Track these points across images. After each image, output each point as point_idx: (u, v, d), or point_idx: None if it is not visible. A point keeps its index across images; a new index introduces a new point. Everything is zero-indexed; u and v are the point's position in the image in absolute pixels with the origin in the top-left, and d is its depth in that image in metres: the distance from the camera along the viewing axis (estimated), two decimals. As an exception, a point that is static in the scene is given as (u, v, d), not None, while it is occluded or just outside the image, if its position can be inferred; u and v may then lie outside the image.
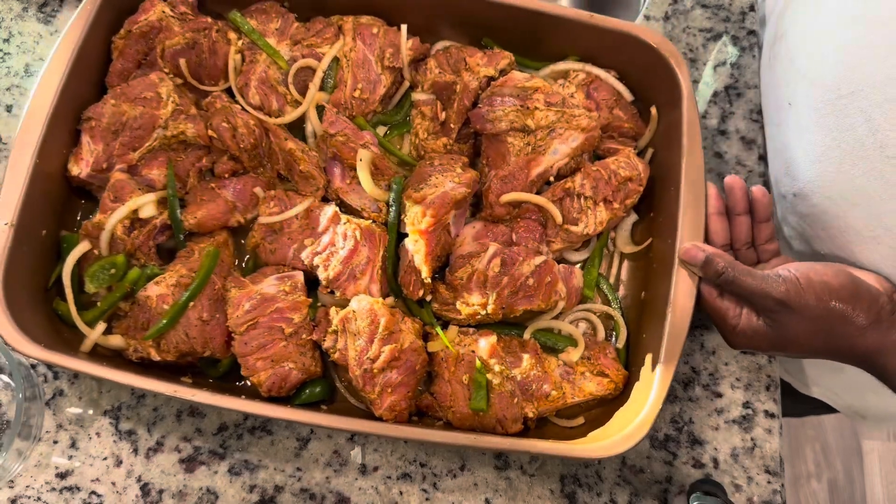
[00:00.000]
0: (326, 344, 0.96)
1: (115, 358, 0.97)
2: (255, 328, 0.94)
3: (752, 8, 1.23)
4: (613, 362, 1.00)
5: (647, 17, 1.25)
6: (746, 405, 1.00)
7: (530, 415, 0.96)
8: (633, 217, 1.11)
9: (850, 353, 0.84)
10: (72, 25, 0.99)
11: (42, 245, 0.97)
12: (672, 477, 0.98)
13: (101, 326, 0.95)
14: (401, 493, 0.98)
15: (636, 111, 1.13)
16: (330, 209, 1.01)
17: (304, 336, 0.96)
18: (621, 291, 1.09)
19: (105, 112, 1.00)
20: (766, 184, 1.14)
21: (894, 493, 2.21)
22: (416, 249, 0.98)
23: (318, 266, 0.99)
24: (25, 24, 1.15)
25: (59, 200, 1.02)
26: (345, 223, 1.00)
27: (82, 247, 0.98)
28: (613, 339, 1.05)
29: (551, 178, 1.07)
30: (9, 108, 1.11)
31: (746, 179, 1.17)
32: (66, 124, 1.00)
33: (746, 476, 0.96)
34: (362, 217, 1.03)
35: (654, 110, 1.10)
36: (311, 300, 0.98)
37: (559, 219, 1.04)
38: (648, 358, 0.94)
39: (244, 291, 0.96)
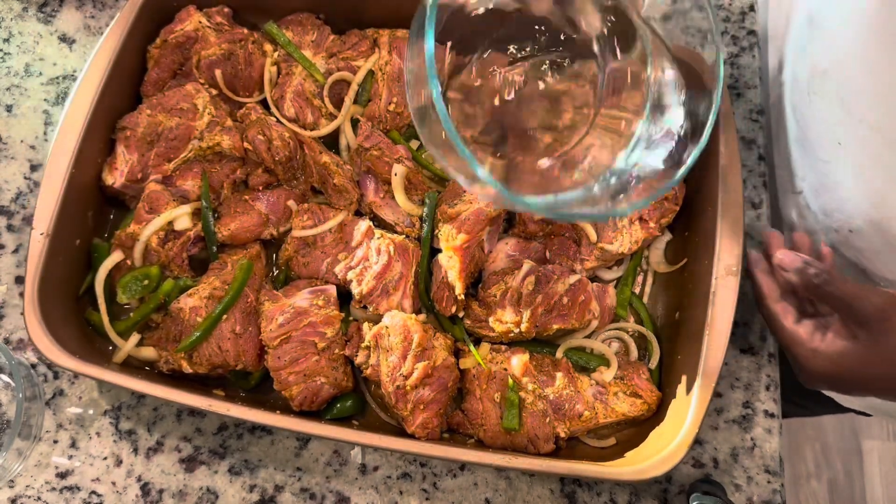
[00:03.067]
0: (359, 360, 0.95)
1: (143, 369, 0.97)
2: (289, 342, 0.93)
3: (752, 8, 1.20)
4: (647, 383, 0.99)
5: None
6: (746, 405, 0.99)
7: (562, 434, 0.95)
8: (668, 236, 1.10)
9: None
10: (110, 33, 0.99)
11: (75, 254, 0.97)
12: (672, 477, 0.97)
13: (136, 338, 0.95)
14: (401, 493, 0.97)
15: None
16: (364, 224, 1.00)
17: (336, 351, 0.95)
18: (654, 311, 1.08)
19: (141, 122, 1.00)
20: (768, 184, 1.12)
21: (894, 493, 2.20)
22: (451, 266, 0.98)
23: (351, 281, 0.99)
24: (25, 23, 1.15)
25: (93, 209, 1.02)
26: (378, 238, 0.99)
27: (115, 257, 0.98)
28: (646, 359, 1.04)
29: (586, 195, 1.06)
30: (9, 108, 1.11)
31: (746, 179, 1.11)
32: (101, 134, 1.00)
33: (746, 476, 0.95)
34: (395, 232, 1.03)
35: (689, 129, 1.10)
36: (343, 315, 0.98)
37: (594, 237, 1.03)
38: (684, 379, 0.93)
39: (277, 305, 0.95)
